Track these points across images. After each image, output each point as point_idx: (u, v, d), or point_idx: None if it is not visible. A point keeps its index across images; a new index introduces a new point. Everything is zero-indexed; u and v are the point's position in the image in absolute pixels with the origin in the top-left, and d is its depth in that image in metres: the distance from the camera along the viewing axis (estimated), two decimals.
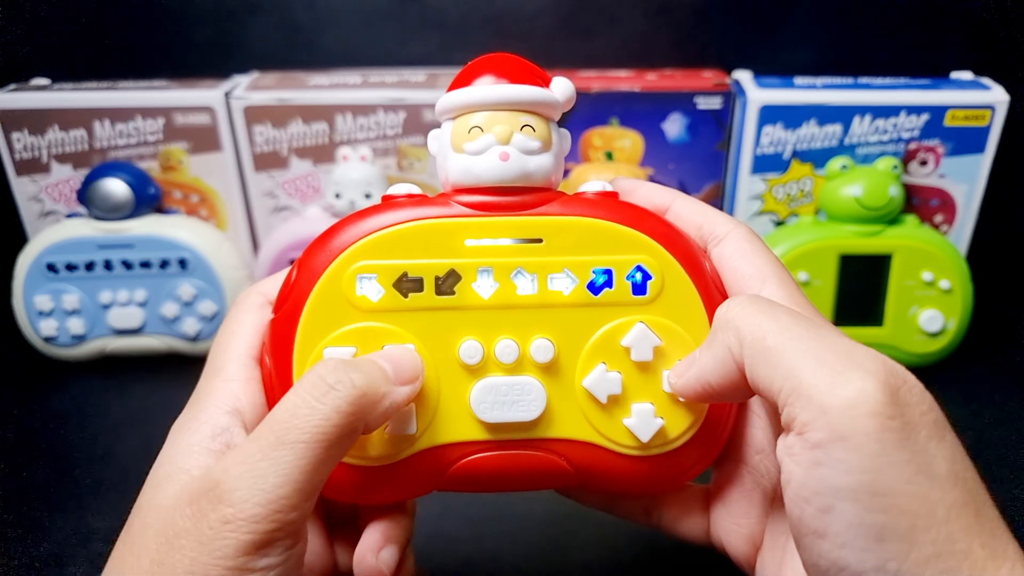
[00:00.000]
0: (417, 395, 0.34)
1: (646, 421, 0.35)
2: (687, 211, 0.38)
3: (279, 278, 0.38)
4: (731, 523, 0.37)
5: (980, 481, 0.27)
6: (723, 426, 0.36)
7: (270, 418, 0.30)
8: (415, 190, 0.36)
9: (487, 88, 0.35)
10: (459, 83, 0.36)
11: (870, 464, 0.25)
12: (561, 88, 0.36)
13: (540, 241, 0.35)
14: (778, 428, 0.30)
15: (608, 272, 0.35)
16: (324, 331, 0.34)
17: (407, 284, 0.34)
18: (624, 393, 0.35)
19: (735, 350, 0.30)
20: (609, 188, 0.37)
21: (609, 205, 0.36)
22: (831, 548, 0.26)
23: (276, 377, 0.35)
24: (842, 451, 0.26)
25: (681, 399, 0.35)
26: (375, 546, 0.36)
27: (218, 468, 0.29)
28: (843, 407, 0.26)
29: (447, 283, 0.35)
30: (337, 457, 0.30)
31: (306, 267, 0.35)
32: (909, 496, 0.25)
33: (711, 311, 0.35)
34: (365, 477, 0.35)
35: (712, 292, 0.36)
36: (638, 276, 0.35)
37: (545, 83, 0.36)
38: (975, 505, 0.26)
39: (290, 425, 0.29)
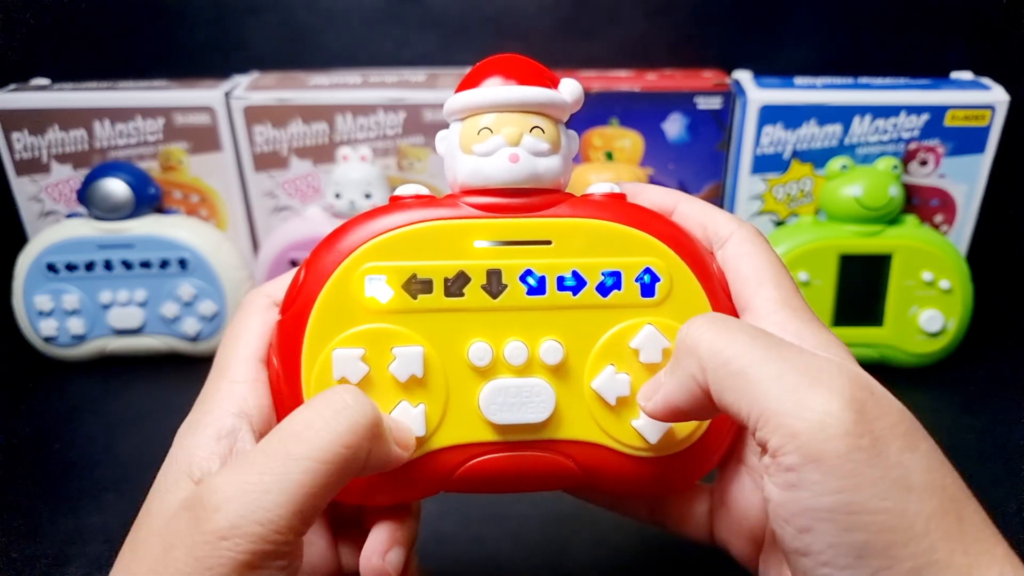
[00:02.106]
0: (426, 396, 0.34)
1: (654, 423, 0.35)
2: (692, 212, 0.38)
3: (285, 280, 0.37)
4: (733, 523, 0.37)
5: (962, 485, 0.27)
6: (729, 427, 0.36)
7: (280, 430, 0.29)
8: (423, 191, 0.36)
9: (497, 89, 0.35)
10: (467, 84, 0.36)
11: (844, 484, 0.25)
12: (570, 89, 0.36)
13: (549, 243, 0.35)
14: None
15: (617, 274, 0.35)
16: (333, 332, 0.34)
17: (416, 285, 0.34)
18: (633, 395, 0.35)
19: (699, 376, 0.30)
20: (617, 190, 0.37)
21: (617, 207, 0.36)
22: (814, 566, 0.26)
23: (283, 378, 0.35)
24: (815, 473, 0.26)
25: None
26: (381, 548, 0.36)
27: (219, 476, 0.28)
28: (811, 430, 0.26)
29: (456, 284, 0.35)
30: (339, 484, 0.29)
31: (314, 268, 0.35)
32: (886, 512, 0.25)
33: (718, 312, 0.35)
34: (372, 479, 0.35)
35: (719, 294, 0.36)
36: (647, 278, 0.35)
37: (554, 84, 0.36)
38: (956, 511, 0.26)
39: (302, 438, 0.29)
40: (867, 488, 0.25)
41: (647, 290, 0.35)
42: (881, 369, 0.69)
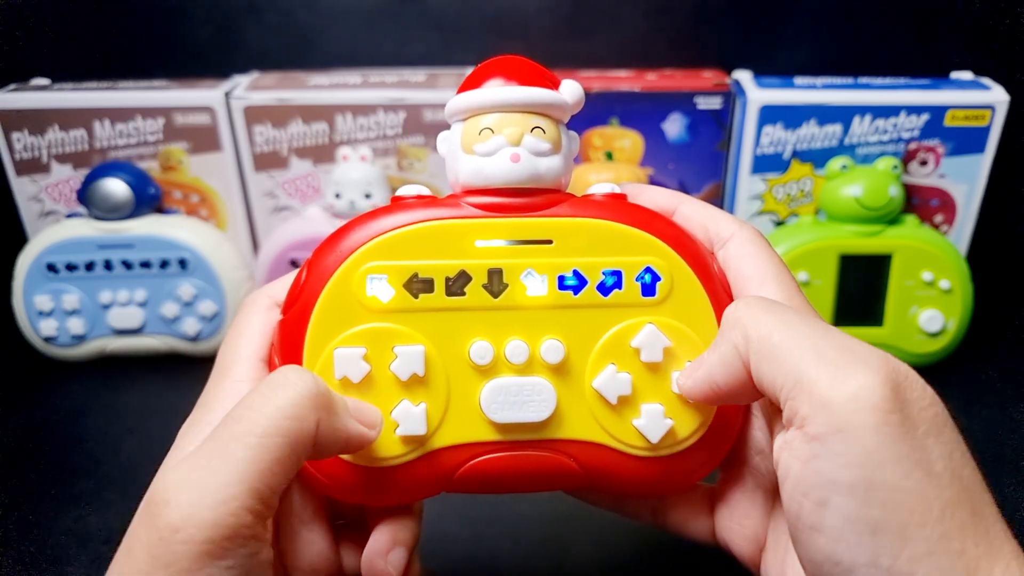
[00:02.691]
0: (428, 395, 0.34)
1: (656, 422, 0.35)
2: (694, 213, 0.38)
3: (286, 280, 0.38)
4: (734, 523, 0.37)
5: (980, 478, 0.27)
6: (731, 427, 0.36)
7: (226, 416, 0.29)
8: (425, 191, 0.36)
9: (498, 90, 0.35)
10: (469, 85, 0.36)
11: (867, 458, 0.25)
12: (571, 90, 0.36)
13: (550, 242, 0.35)
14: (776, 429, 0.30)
15: (618, 273, 0.35)
16: (334, 332, 0.34)
17: (417, 285, 0.34)
18: (634, 394, 0.35)
19: (741, 348, 0.30)
20: (617, 190, 0.37)
21: (618, 207, 0.36)
22: (826, 542, 0.26)
23: None
24: (840, 444, 0.26)
25: (690, 401, 0.35)
26: (384, 548, 0.36)
27: (169, 472, 0.28)
28: (844, 400, 0.26)
29: (457, 284, 0.35)
30: (292, 460, 0.29)
31: (316, 268, 0.35)
32: (906, 492, 0.25)
33: (719, 312, 0.35)
34: (374, 478, 0.35)
35: (720, 294, 0.36)
36: (647, 277, 0.35)
37: (554, 85, 0.36)
38: (972, 503, 0.26)
39: (244, 417, 0.28)
40: (890, 465, 0.25)
41: (648, 289, 0.35)
42: None
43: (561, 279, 0.35)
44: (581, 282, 0.35)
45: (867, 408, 0.26)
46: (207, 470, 0.27)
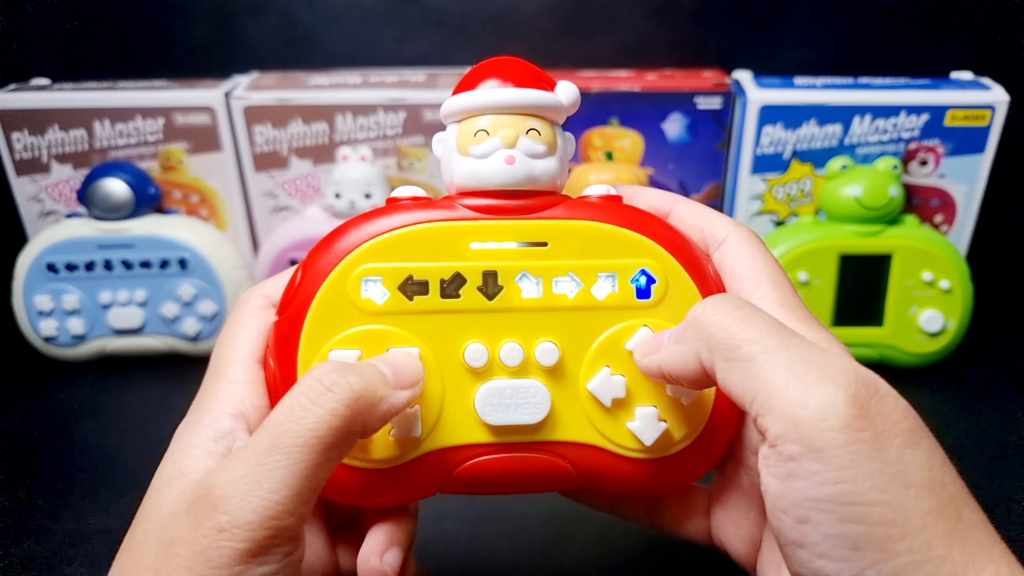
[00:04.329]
0: (422, 398, 0.34)
1: (649, 424, 0.35)
2: (689, 215, 0.38)
3: (281, 279, 0.38)
4: (730, 524, 0.37)
5: (961, 485, 0.27)
6: (725, 429, 0.36)
7: (267, 422, 0.30)
8: (420, 193, 0.36)
9: (493, 92, 0.35)
10: (464, 86, 0.36)
11: (842, 475, 0.25)
12: (566, 92, 0.36)
13: (545, 245, 0.35)
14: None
15: (612, 276, 0.35)
16: (329, 333, 0.34)
17: (412, 287, 0.34)
18: (628, 396, 0.35)
19: (703, 355, 0.30)
20: (613, 192, 0.37)
21: (613, 209, 0.36)
22: (810, 558, 0.26)
23: (280, 379, 0.35)
24: (815, 463, 0.26)
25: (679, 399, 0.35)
26: (379, 549, 0.36)
27: (213, 474, 0.29)
28: (813, 419, 0.26)
29: (452, 286, 0.35)
30: (335, 460, 0.30)
31: (311, 269, 0.35)
32: (883, 505, 0.25)
33: None
34: (369, 480, 0.35)
35: (715, 295, 0.36)
36: (642, 280, 0.35)
37: (550, 87, 0.36)
38: (954, 509, 0.26)
39: (285, 428, 0.29)
40: (865, 480, 0.25)
41: (643, 292, 0.35)
42: (881, 369, 0.68)
43: (556, 281, 0.35)
44: (576, 284, 0.35)
45: (837, 428, 0.26)
46: (253, 477, 0.28)
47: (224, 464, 0.29)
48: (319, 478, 0.29)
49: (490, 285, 0.35)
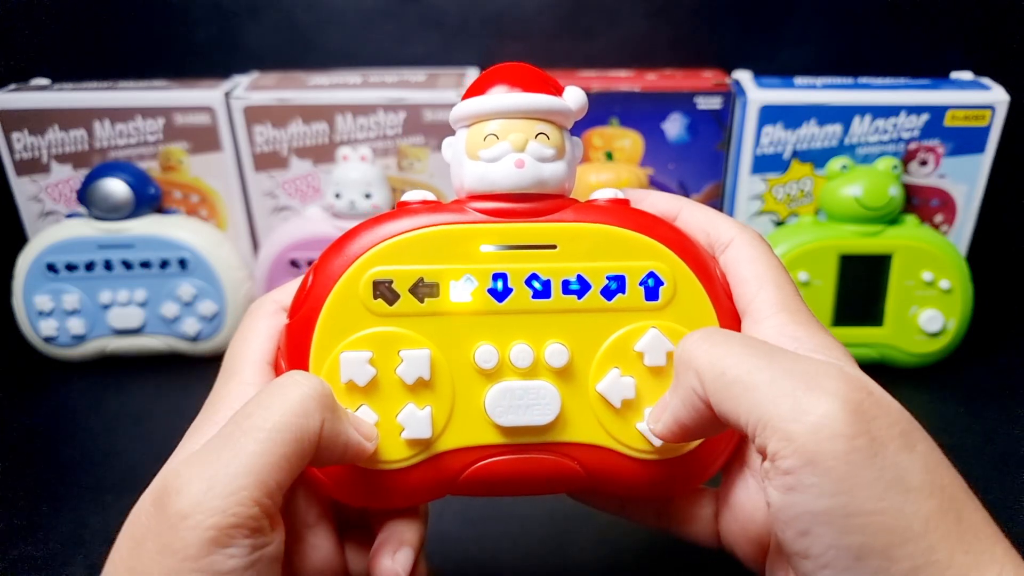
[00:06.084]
0: (433, 399, 0.35)
1: None
2: (695, 218, 0.39)
3: (292, 287, 0.38)
4: (738, 526, 0.37)
5: (962, 484, 0.27)
6: (733, 431, 0.36)
7: (236, 412, 0.30)
8: (430, 196, 0.37)
9: (503, 96, 0.35)
10: (474, 92, 0.36)
11: (840, 486, 0.26)
12: (574, 97, 0.36)
13: (554, 247, 0.35)
14: None
15: (621, 278, 0.35)
16: (340, 335, 0.34)
17: (423, 289, 0.35)
18: (637, 398, 0.35)
19: (699, 390, 0.30)
20: (621, 195, 0.37)
21: (621, 212, 0.36)
22: (815, 568, 0.26)
23: None
24: (812, 476, 0.26)
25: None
26: (391, 548, 0.36)
27: (182, 464, 0.29)
28: (807, 432, 0.26)
29: (462, 288, 0.35)
30: (298, 456, 0.30)
31: (322, 272, 0.35)
32: (882, 513, 0.25)
33: (721, 317, 0.36)
34: (379, 481, 0.35)
35: (722, 298, 0.36)
36: (651, 282, 0.35)
37: (558, 92, 0.36)
38: (955, 511, 0.26)
39: (252, 413, 0.29)
40: (863, 490, 0.25)
41: (651, 294, 0.35)
42: (881, 369, 0.69)
43: (565, 284, 0.35)
44: (585, 287, 0.35)
45: (831, 437, 0.26)
46: (217, 462, 0.28)
47: (193, 455, 0.29)
48: (283, 470, 0.29)
49: (500, 287, 0.35)
